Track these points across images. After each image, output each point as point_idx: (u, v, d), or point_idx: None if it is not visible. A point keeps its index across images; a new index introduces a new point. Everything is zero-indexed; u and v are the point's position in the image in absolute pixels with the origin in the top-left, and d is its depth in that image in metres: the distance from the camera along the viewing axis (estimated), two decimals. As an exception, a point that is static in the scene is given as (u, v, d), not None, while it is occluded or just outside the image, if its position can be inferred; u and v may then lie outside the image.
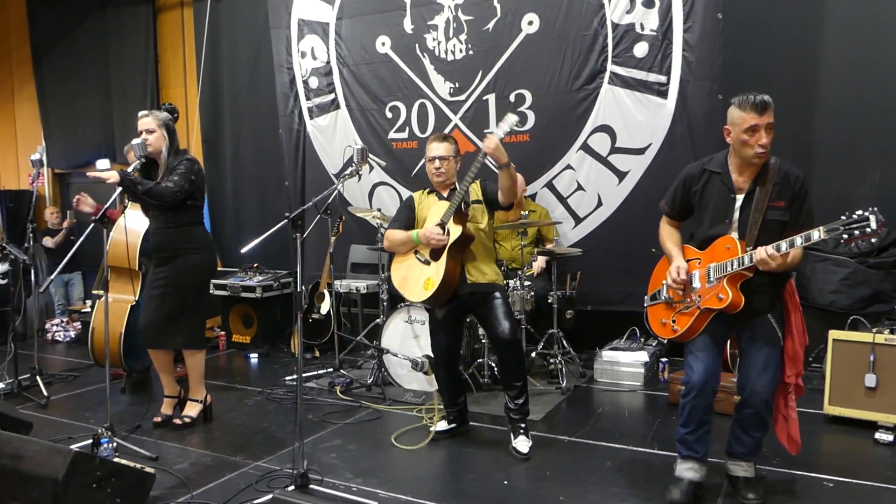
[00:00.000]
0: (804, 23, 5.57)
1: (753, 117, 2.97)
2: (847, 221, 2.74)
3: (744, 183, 3.11)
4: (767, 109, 2.97)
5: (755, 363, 3.15)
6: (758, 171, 3.08)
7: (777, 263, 2.91)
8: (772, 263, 2.90)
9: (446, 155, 4.07)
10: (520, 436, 3.98)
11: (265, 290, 6.61)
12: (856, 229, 2.71)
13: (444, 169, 4.07)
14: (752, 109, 2.97)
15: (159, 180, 4.19)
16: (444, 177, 4.09)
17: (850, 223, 2.72)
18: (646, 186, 5.66)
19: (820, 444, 4.08)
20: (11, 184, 9.97)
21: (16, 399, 5.11)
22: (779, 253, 2.89)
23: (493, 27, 6.16)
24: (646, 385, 5.23)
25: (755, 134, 2.98)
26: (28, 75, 9.66)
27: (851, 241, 2.75)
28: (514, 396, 4.00)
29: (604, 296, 5.97)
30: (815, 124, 5.61)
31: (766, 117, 2.97)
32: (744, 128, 2.99)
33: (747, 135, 3.00)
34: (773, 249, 2.90)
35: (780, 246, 2.90)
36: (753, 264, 2.96)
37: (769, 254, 2.89)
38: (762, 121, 2.96)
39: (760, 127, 2.97)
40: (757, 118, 2.96)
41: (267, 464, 3.85)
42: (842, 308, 5.11)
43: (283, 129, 7.30)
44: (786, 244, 2.89)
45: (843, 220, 2.75)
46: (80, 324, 7.31)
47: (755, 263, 2.95)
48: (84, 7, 8.99)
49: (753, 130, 2.98)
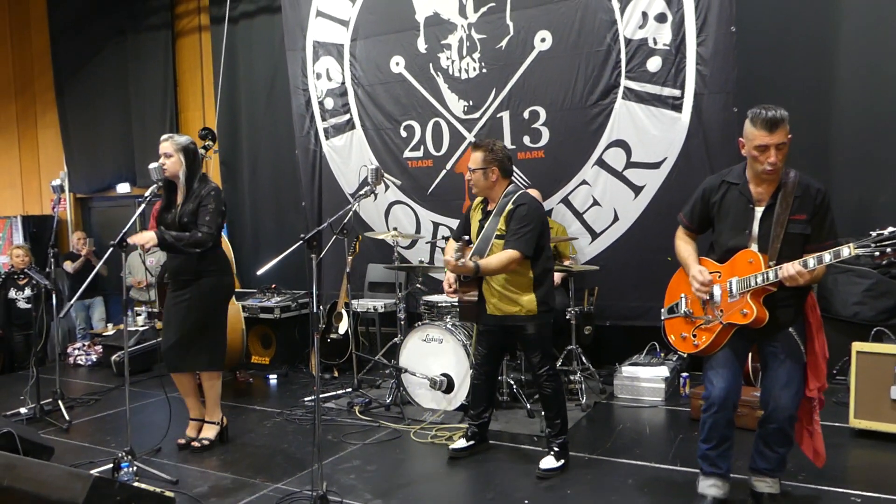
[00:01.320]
0: (818, 32, 5.54)
1: (763, 136, 2.94)
2: (878, 238, 2.68)
3: (763, 195, 3.08)
4: (778, 127, 2.92)
5: (778, 378, 3.10)
6: (777, 183, 3.05)
7: (805, 280, 2.87)
8: (800, 280, 2.87)
9: (474, 166, 3.94)
10: (550, 454, 3.93)
11: (283, 311, 6.64)
12: (888, 246, 2.66)
13: (473, 181, 3.97)
14: (762, 127, 2.94)
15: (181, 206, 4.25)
16: (476, 188, 3.99)
17: (882, 240, 2.67)
18: (662, 200, 5.63)
19: (846, 458, 4.01)
20: (35, 209, 10.14)
21: (38, 424, 5.15)
22: (806, 269, 2.86)
23: (506, 45, 6.19)
24: (667, 400, 5.17)
25: (765, 152, 2.96)
26: (51, 102, 9.85)
27: (883, 258, 2.70)
28: (549, 423, 3.99)
29: (622, 311, 5.93)
30: (832, 133, 5.56)
31: (776, 136, 2.92)
32: (755, 144, 2.97)
33: (757, 151, 2.98)
34: (800, 266, 2.86)
35: (807, 262, 2.86)
36: (779, 280, 2.93)
37: (798, 271, 2.85)
38: (772, 140, 2.93)
39: (770, 146, 2.94)
40: (767, 137, 2.93)
41: (286, 486, 3.84)
42: (865, 320, 5.04)
43: (300, 149, 7.36)
44: (813, 260, 2.85)
45: (873, 236, 2.70)
46: (101, 347, 7.37)
47: (782, 279, 2.91)
48: (105, 34, 9.16)
49: (763, 149, 2.96)
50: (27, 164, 10.33)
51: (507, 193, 3.93)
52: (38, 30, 9.89)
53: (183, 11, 8.74)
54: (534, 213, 3.85)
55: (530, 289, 3.86)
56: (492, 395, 4.30)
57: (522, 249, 3.76)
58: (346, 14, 6.91)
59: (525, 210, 3.83)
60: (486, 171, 3.92)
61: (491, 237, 3.89)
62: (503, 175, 3.95)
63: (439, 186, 6.65)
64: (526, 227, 3.79)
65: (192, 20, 8.68)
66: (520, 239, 3.77)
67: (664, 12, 5.52)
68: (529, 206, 3.85)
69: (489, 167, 3.91)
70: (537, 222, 3.85)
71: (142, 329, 7.07)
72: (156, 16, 8.76)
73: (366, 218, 7.02)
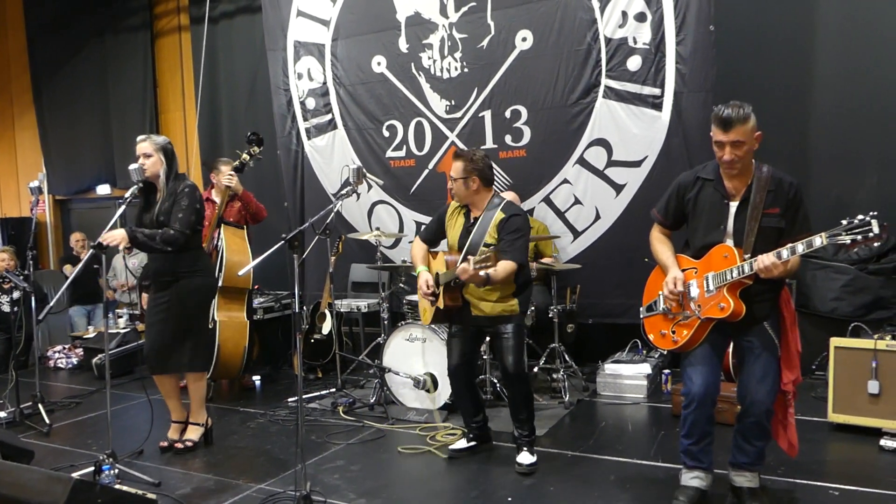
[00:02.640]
0: (796, 31, 5.61)
1: (718, 133, 3.00)
2: (848, 226, 2.72)
3: (737, 190, 3.12)
4: (733, 127, 2.95)
5: (754, 372, 3.14)
6: (751, 178, 3.09)
7: (779, 271, 2.90)
8: (774, 272, 2.90)
9: (455, 175, 3.97)
10: (523, 451, 3.97)
11: (266, 312, 6.60)
12: (858, 234, 2.69)
13: (454, 189, 4.00)
14: (717, 125, 2.99)
15: (159, 205, 4.22)
16: (457, 197, 4.03)
17: (852, 228, 2.71)
18: (643, 198, 5.66)
19: (824, 452, 4.06)
20: (13, 211, 10.03)
21: (18, 427, 5.10)
22: (780, 260, 2.89)
23: (487, 44, 6.21)
24: (649, 397, 5.21)
25: (721, 150, 3.02)
26: (28, 103, 9.75)
27: (854, 246, 2.75)
28: (519, 426, 4.02)
29: (605, 308, 5.96)
30: (810, 132, 5.63)
31: (731, 135, 2.96)
32: (714, 140, 3.03)
33: (715, 147, 3.04)
34: (774, 257, 2.89)
35: (780, 253, 2.89)
36: (754, 272, 2.96)
37: (772, 262, 2.89)
38: (727, 138, 2.97)
39: (725, 144, 2.98)
40: (721, 134, 2.98)
41: (270, 486, 3.83)
42: (843, 315, 5.10)
43: (282, 150, 7.34)
44: (787, 251, 2.88)
45: (844, 224, 2.73)
46: (82, 350, 7.30)
47: (757, 272, 2.94)
48: (83, 34, 9.08)
49: (719, 146, 3.02)
50: (4, 167, 10.22)
51: (493, 202, 3.98)
52: (15, 30, 9.79)
53: (162, 11, 8.69)
54: (525, 225, 3.93)
55: (511, 295, 3.91)
56: (476, 398, 4.30)
57: (518, 259, 3.82)
58: (326, 14, 6.89)
59: (518, 222, 3.89)
60: (466, 180, 3.94)
61: (479, 245, 3.89)
62: (484, 184, 3.98)
63: (422, 186, 6.65)
64: (519, 237, 3.87)
65: (171, 20, 8.63)
66: (517, 250, 3.84)
67: (644, 11, 5.56)
68: (521, 218, 3.93)
69: (470, 177, 3.94)
70: (527, 232, 3.94)
71: (123, 331, 7.01)
72: (135, 16, 8.70)
73: (349, 218, 7.01)
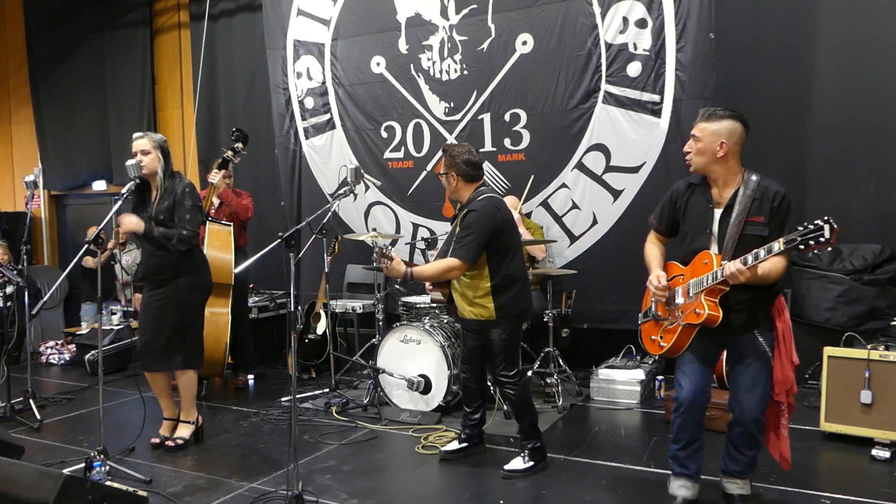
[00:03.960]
0: (796, 41, 5.62)
1: None
2: (803, 232, 2.78)
3: (722, 197, 3.15)
4: (697, 121, 3.14)
5: (743, 381, 3.16)
6: (738, 186, 3.11)
7: (746, 277, 2.92)
8: (740, 278, 2.92)
9: (441, 171, 4.00)
10: (518, 456, 3.95)
11: (261, 311, 6.60)
12: (811, 239, 2.75)
13: (444, 185, 4.01)
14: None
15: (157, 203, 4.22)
16: (448, 193, 4.04)
17: (806, 233, 2.77)
18: (641, 204, 5.67)
19: (816, 460, 4.06)
20: (8, 206, 9.99)
21: (8, 423, 5.07)
22: (745, 266, 2.91)
23: (487, 47, 6.21)
24: (642, 403, 5.21)
25: None
26: (26, 98, 9.72)
27: (808, 250, 2.80)
28: (519, 430, 4.00)
29: (600, 314, 5.96)
30: (808, 141, 5.64)
31: (694, 129, 3.14)
32: None
33: None
34: (740, 263, 2.92)
35: (746, 259, 2.93)
36: (724, 278, 2.98)
37: (736, 268, 2.92)
38: (692, 129, 3.15)
39: (692, 135, 3.14)
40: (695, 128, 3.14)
41: (262, 485, 3.82)
42: (837, 325, 5.11)
43: (280, 149, 7.33)
44: (751, 257, 2.92)
45: (799, 230, 2.80)
46: (74, 346, 7.27)
47: (725, 277, 2.97)
48: (82, 30, 9.05)
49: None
50: (0, 161, 10.18)
51: (470, 199, 3.89)
52: (14, 25, 9.76)
53: (162, 8, 8.67)
54: (480, 221, 3.73)
55: (488, 296, 3.81)
56: (483, 391, 4.26)
57: (462, 257, 3.70)
58: (327, 13, 6.89)
59: (472, 217, 3.75)
60: (446, 175, 3.93)
61: (450, 242, 3.89)
62: (465, 180, 3.89)
63: (419, 188, 6.65)
64: (468, 234, 3.72)
65: (171, 17, 8.61)
66: (462, 247, 3.72)
67: (644, 18, 5.58)
68: (478, 213, 3.75)
69: (448, 172, 3.91)
70: (482, 230, 3.72)
71: (117, 328, 6.99)
72: (134, 12, 8.68)
73: (345, 218, 7.00)
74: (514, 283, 3.86)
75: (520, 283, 3.90)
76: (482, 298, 3.83)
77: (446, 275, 3.76)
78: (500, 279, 3.82)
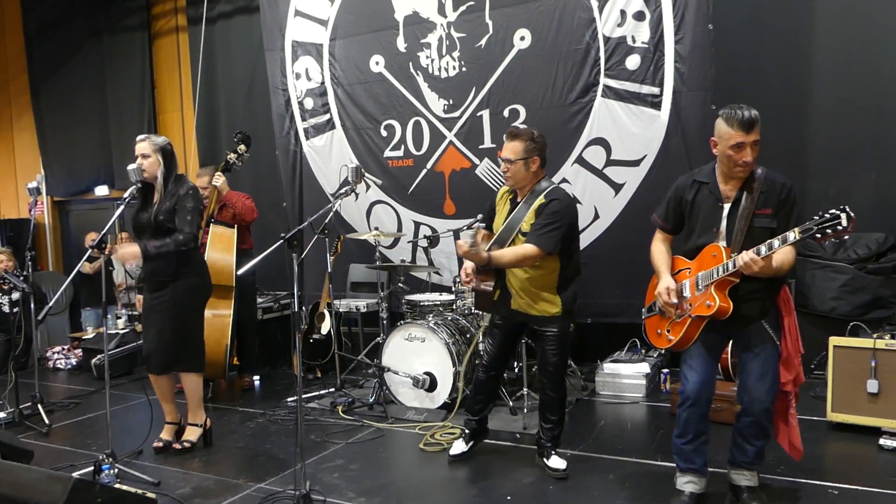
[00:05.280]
0: (795, 30, 5.61)
1: (740, 135, 2.97)
2: (820, 221, 2.76)
3: (730, 191, 3.13)
4: (754, 127, 2.97)
5: (753, 371, 3.15)
6: (744, 180, 3.10)
7: (759, 267, 2.91)
8: (754, 267, 2.91)
9: (514, 157, 3.68)
10: (553, 455, 3.88)
11: (265, 312, 6.61)
12: (828, 228, 2.74)
13: (510, 172, 3.71)
14: (739, 127, 2.97)
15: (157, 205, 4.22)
16: (512, 181, 3.74)
17: (823, 222, 2.75)
18: (642, 198, 5.66)
19: (824, 451, 4.06)
20: (11, 213, 10.02)
21: (17, 428, 5.09)
22: (759, 256, 2.90)
23: (485, 43, 6.20)
24: (648, 396, 5.21)
25: (741, 151, 3.00)
26: (26, 105, 9.73)
27: (824, 239, 2.79)
28: (549, 428, 3.90)
29: (603, 308, 5.95)
30: (809, 130, 5.63)
31: (752, 135, 2.97)
32: (730, 144, 3.01)
33: (732, 150, 3.01)
34: (753, 253, 2.91)
35: (759, 249, 2.92)
36: (737, 269, 2.97)
37: (750, 258, 2.90)
38: (748, 139, 2.97)
39: (746, 144, 2.98)
40: (743, 136, 2.97)
41: (269, 486, 3.83)
42: (842, 315, 5.10)
43: (280, 150, 7.33)
44: (765, 247, 2.91)
45: (815, 219, 2.78)
46: (81, 351, 7.29)
47: (738, 268, 2.96)
48: (80, 36, 9.07)
49: (739, 147, 3.00)
50: (3, 168, 10.20)
51: (541, 185, 3.74)
52: (13, 32, 9.78)
53: (160, 12, 8.68)
54: (565, 211, 3.65)
55: (554, 290, 3.71)
56: (495, 391, 4.24)
57: (543, 246, 3.57)
58: (324, 13, 6.89)
59: (557, 206, 3.63)
60: (527, 161, 3.67)
61: (515, 229, 3.72)
62: (543, 164, 3.74)
63: (420, 186, 6.65)
64: (553, 223, 3.60)
65: (169, 21, 8.62)
66: (543, 235, 3.58)
67: (642, 10, 5.56)
68: (562, 203, 3.65)
69: (531, 157, 3.67)
70: (567, 220, 3.66)
71: (122, 332, 7.00)
72: (132, 17, 8.69)
73: (347, 218, 7.01)
74: (576, 278, 3.82)
75: (579, 278, 3.86)
76: (549, 293, 3.72)
77: (523, 262, 3.63)
78: (569, 273, 3.76)
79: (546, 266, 3.70)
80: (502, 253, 3.64)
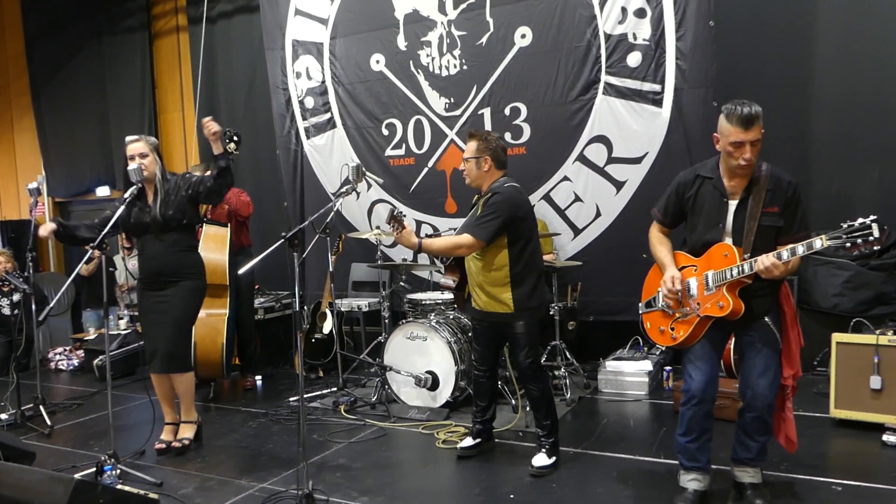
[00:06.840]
0: (796, 26, 5.61)
1: (739, 132, 2.96)
2: (849, 230, 2.71)
3: (736, 188, 3.11)
4: (754, 125, 2.94)
5: (756, 366, 3.14)
6: (750, 177, 3.08)
7: (780, 271, 2.90)
8: (775, 272, 2.90)
9: (468, 156, 3.87)
10: (540, 452, 3.90)
11: (267, 312, 6.60)
12: (858, 237, 2.69)
13: (466, 170, 3.88)
14: (738, 124, 2.95)
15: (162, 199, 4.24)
16: (469, 178, 3.89)
17: (853, 231, 2.70)
18: (644, 195, 5.65)
19: (827, 447, 4.05)
20: (12, 214, 10.02)
21: (19, 429, 5.09)
22: (780, 261, 2.89)
23: (486, 41, 6.20)
24: (650, 394, 5.20)
25: (740, 148, 2.98)
26: (27, 106, 9.73)
27: (854, 248, 2.72)
28: (538, 425, 3.94)
29: (606, 306, 5.95)
30: (811, 125, 5.63)
31: (751, 133, 2.95)
32: (730, 140, 2.99)
33: (732, 147, 3.00)
34: (775, 258, 2.89)
35: (781, 255, 2.89)
36: (754, 272, 2.96)
37: (772, 262, 2.88)
38: (747, 137, 2.95)
39: (745, 143, 2.96)
40: (742, 134, 2.95)
41: (272, 485, 3.83)
42: (845, 311, 5.09)
43: (281, 149, 7.33)
44: (787, 252, 2.88)
45: (844, 227, 2.72)
46: (83, 352, 7.29)
47: (757, 272, 2.94)
48: (81, 37, 9.06)
49: (739, 145, 2.98)
50: (3, 169, 10.20)
51: (493, 186, 3.83)
52: (13, 34, 9.77)
53: (160, 13, 8.67)
54: (504, 204, 3.70)
55: (507, 287, 3.77)
56: (495, 390, 4.24)
57: (476, 235, 3.65)
58: (325, 12, 6.88)
59: (496, 199, 3.71)
60: (478, 160, 3.82)
61: (470, 225, 3.81)
62: (496, 166, 3.85)
63: (421, 184, 6.65)
64: (489, 214, 3.68)
65: (169, 21, 8.61)
66: (478, 225, 3.67)
67: (643, 7, 5.55)
68: (502, 196, 3.72)
69: (482, 156, 3.82)
70: (506, 213, 3.69)
71: (124, 332, 7.00)
72: (132, 18, 8.68)
73: (349, 217, 7.00)
74: (532, 275, 3.82)
75: (538, 275, 3.86)
76: (502, 290, 3.77)
77: (455, 251, 3.70)
78: (520, 269, 3.77)
79: (495, 263, 3.77)
80: (433, 241, 3.72)
